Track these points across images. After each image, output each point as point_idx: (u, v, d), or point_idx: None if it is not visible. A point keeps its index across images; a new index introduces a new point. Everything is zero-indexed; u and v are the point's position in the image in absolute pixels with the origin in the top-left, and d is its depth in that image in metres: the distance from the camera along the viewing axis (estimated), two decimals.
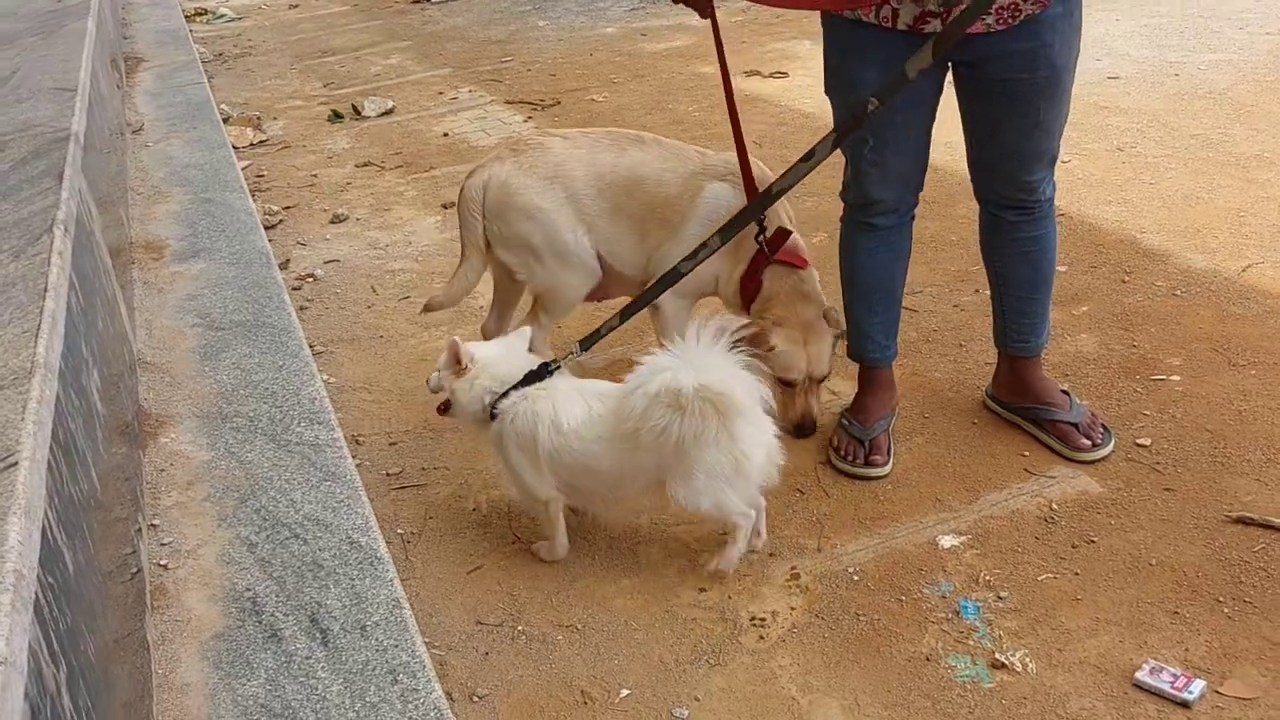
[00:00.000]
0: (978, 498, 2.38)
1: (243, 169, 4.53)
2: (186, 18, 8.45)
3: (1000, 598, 2.08)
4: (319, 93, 6.46)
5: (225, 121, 5.34)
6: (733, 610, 2.11)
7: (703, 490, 2.05)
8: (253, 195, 4.22)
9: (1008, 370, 2.61)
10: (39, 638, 1.15)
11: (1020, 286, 2.51)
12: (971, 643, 1.99)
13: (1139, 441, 2.50)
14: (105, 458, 1.91)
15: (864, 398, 2.61)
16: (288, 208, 4.51)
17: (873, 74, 2.18)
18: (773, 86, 5.56)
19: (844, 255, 2.56)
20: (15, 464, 1.31)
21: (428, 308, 2.91)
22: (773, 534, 2.29)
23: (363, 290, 3.67)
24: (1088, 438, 2.46)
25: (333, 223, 4.30)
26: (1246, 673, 1.86)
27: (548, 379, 2.18)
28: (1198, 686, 1.82)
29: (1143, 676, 1.85)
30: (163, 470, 2.33)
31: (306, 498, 2.20)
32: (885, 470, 2.48)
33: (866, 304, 2.55)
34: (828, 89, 2.39)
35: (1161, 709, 1.81)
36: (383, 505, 2.47)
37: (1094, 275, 3.29)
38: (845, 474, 2.48)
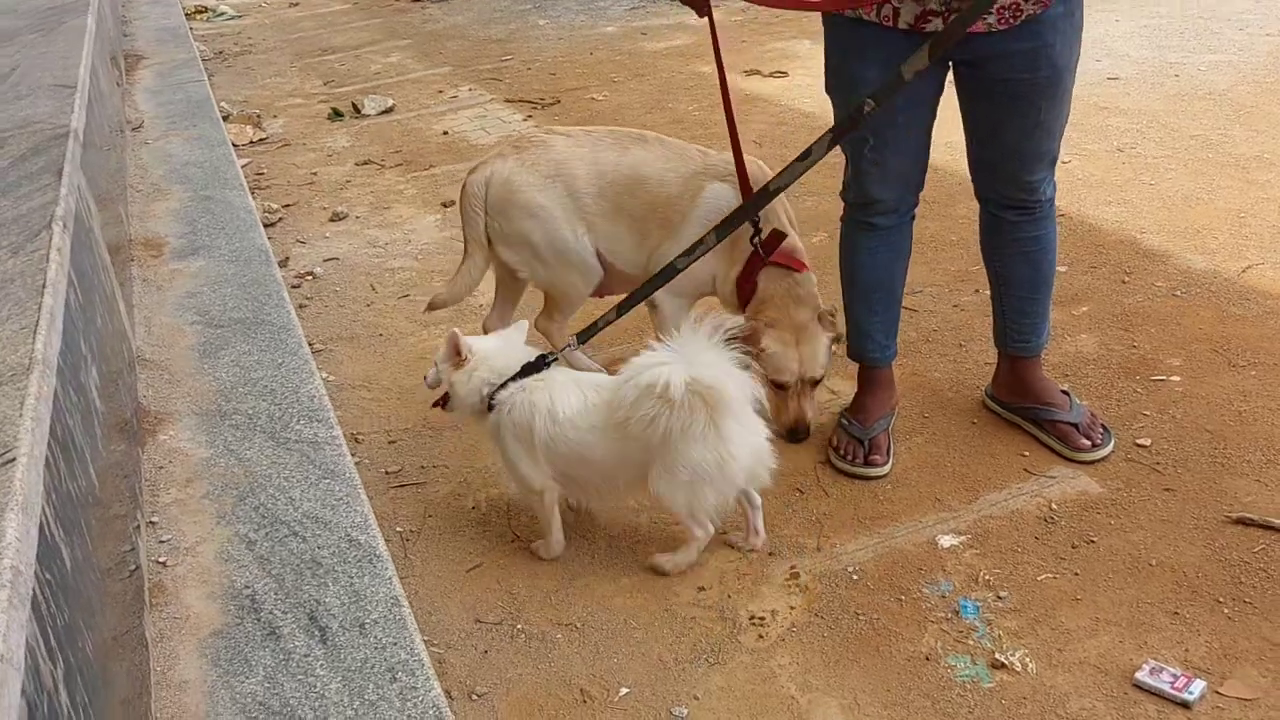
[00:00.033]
0: (977, 497, 2.37)
1: (242, 167, 4.53)
2: (186, 15, 8.45)
3: (1000, 597, 2.08)
4: (319, 91, 6.46)
5: (225, 119, 5.33)
6: (732, 609, 2.11)
7: (682, 486, 2.06)
8: (252, 193, 4.22)
9: (1008, 370, 2.61)
10: (36, 634, 1.14)
11: (1020, 286, 2.51)
12: (971, 642, 1.99)
13: (1139, 442, 2.49)
14: (104, 454, 1.91)
15: (864, 397, 2.61)
16: (287, 205, 4.51)
17: (873, 73, 2.18)
18: (773, 86, 5.56)
19: (844, 255, 2.56)
20: (13, 460, 1.31)
21: (431, 306, 2.91)
22: (772, 533, 2.28)
23: (362, 288, 3.67)
24: (1087, 438, 2.45)
25: (332, 221, 4.30)
26: (1246, 673, 1.86)
27: (545, 370, 2.19)
28: (1198, 687, 1.82)
29: (1143, 677, 1.85)
30: (161, 467, 2.33)
31: (305, 495, 2.20)
32: (885, 470, 2.48)
33: (866, 303, 2.55)
34: (828, 88, 2.39)
35: (1161, 709, 1.81)
36: (382, 503, 2.46)
37: (1094, 275, 3.29)
38: (845, 473, 2.48)
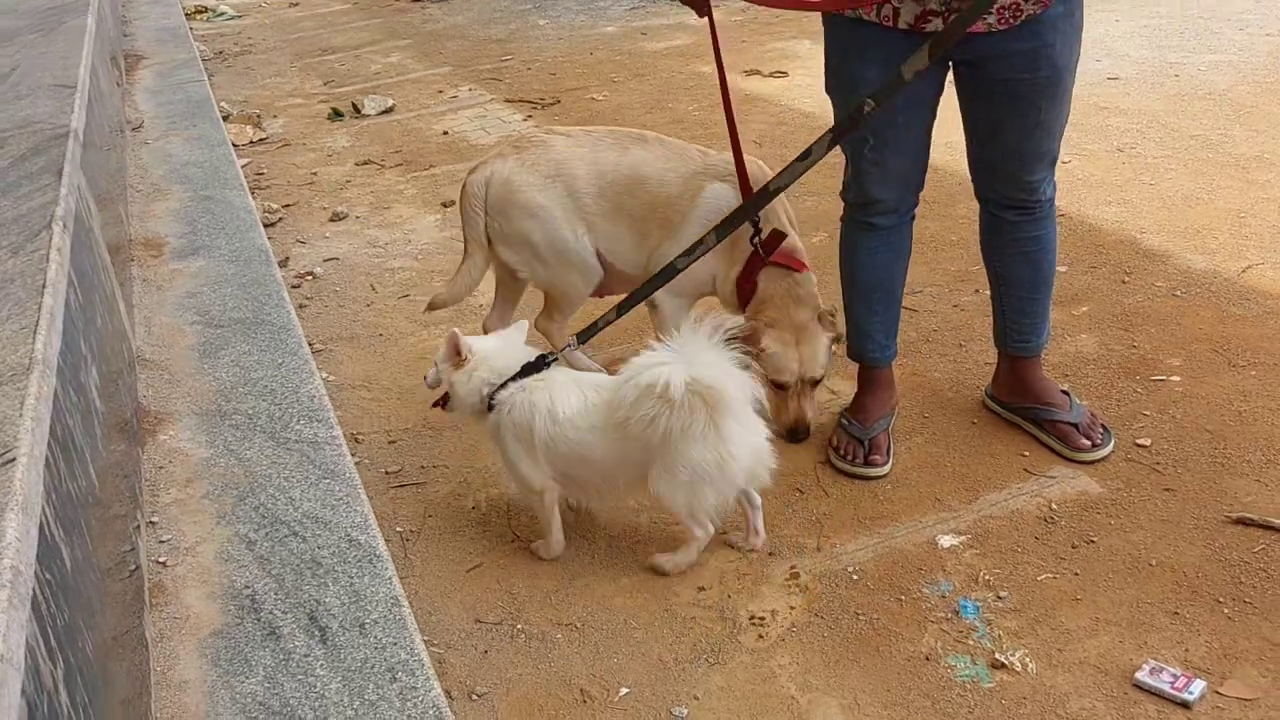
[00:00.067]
0: (977, 497, 2.37)
1: (242, 167, 4.53)
2: (186, 15, 8.45)
3: (1000, 597, 2.08)
4: (319, 91, 6.46)
5: (225, 119, 5.33)
6: (732, 609, 2.11)
7: (682, 486, 2.06)
8: (252, 193, 4.22)
9: (1008, 370, 2.61)
10: (36, 634, 1.14)
11: (1020, 286, 2.51)
12: (971, 642, 1.98)
13: (1139, 442, 2.49)
14: (104, 454, 1.91)
15: (864, 397, 2.60)
16: (287, 205, 4.51)
17: (874, 73, 2.18)
18: (773, 86, 5.56)
19: (844, 255, 2.56)
20: (13, 460, 1.31)
21: (431, 306, 2.91)
22: (772, 533, 2.28)
23: (362, 288, 3.67)
24: (1087, 438, 2.45)
25: (332, 221, 4.30)
26: (1246, 673, 1.86)
27: (545, 370, 2.20)
28: (1198, 687, 1.82)
29: (1143, 677, 1.85)
30: (161, 467, 2.33)
31: (305, 495, 2.20)
32: (885, 470, 2.47)
33: (866, 303, 2.55)
34: (828, 88, 2.39)
35: (1161, 709, 1.81)
36: (382, 503, 2.46)
37: (1094, 275, 3.29)
38: (845, 473, 2.48)
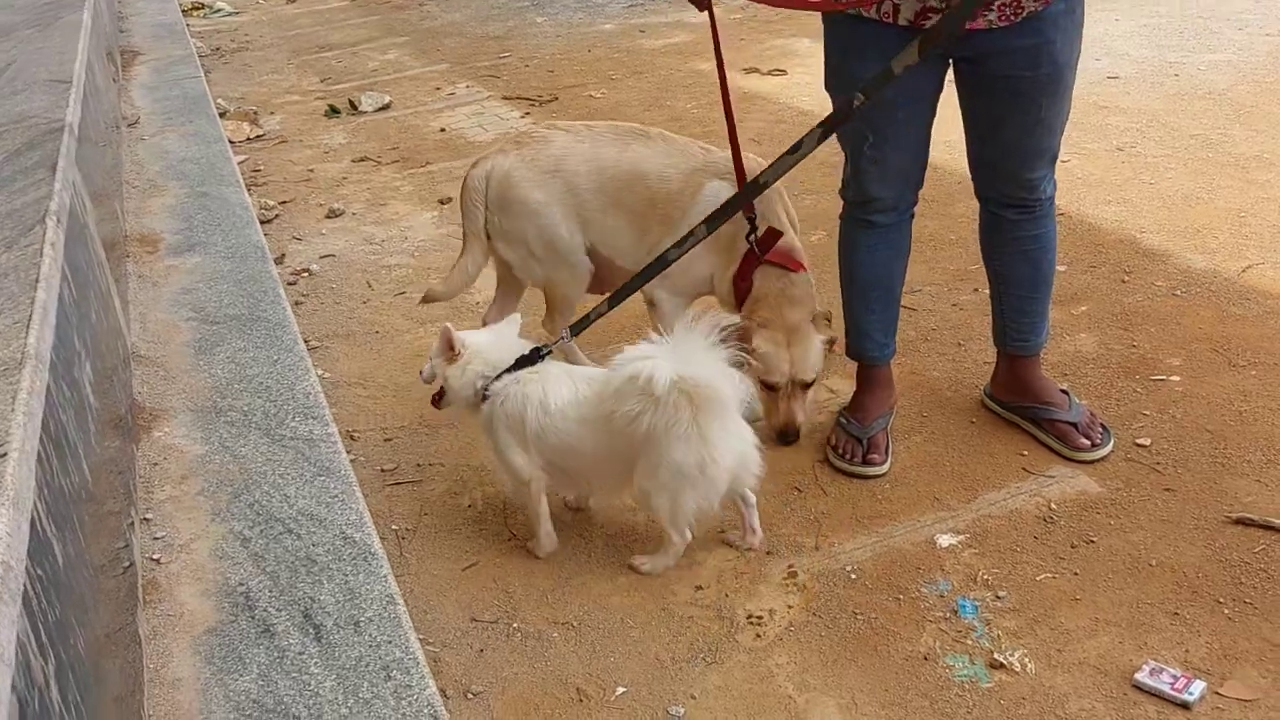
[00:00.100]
0: (976, 497, 2.37)
1: (239, 163, 4.52)
2: (183, 12, 8.43)
3: (999, 597, 2.07)
4: (316, 88, 6.44)
5: (222, 116, 5.32)
6: (729, 608, 2.10)
7: (664, 486, 2.05)
8: (249, 190, 4.20)
9: (1007, 369, 2.60)
10: (27, 630, 1.13)
11: (1020, 285, 2.50)
12: (970, 642, 1.98)
13: (1139, 441, 2.49)
14: (97, 450, 1.90)
15: (862, 396, 2.60)
16: (284, 202, 4.49)
17: (873, 70, 2.16)
18: (771, 84, 5.55)
19: (843, 253, 2.55)
20: (4, 455, 1.30)
21: (427, 298, 2.90)
22: (770, 532, 2.27)
23: (358, 285, 3.66)
24: (1087, 437, 2.45)
25: (329, 217, 4.29)
26: (1246, 674, 1.85)
27: (540, 363, 2.19)
28: (1198, 688, 1.81)
29: (1142, 677, 1.84)
30: (156, 464, 2.32)
31: (300, 493, 2.18)
32: (883, 469, 2.46)
33: (865, 302, 2.54)
34: (828, 86, 2.38)
35: (1161, 710, 1.80)
36: (377, 501, 2.45)
37: (1094, 275, 3.28)
38: (843, 472, 2.47)
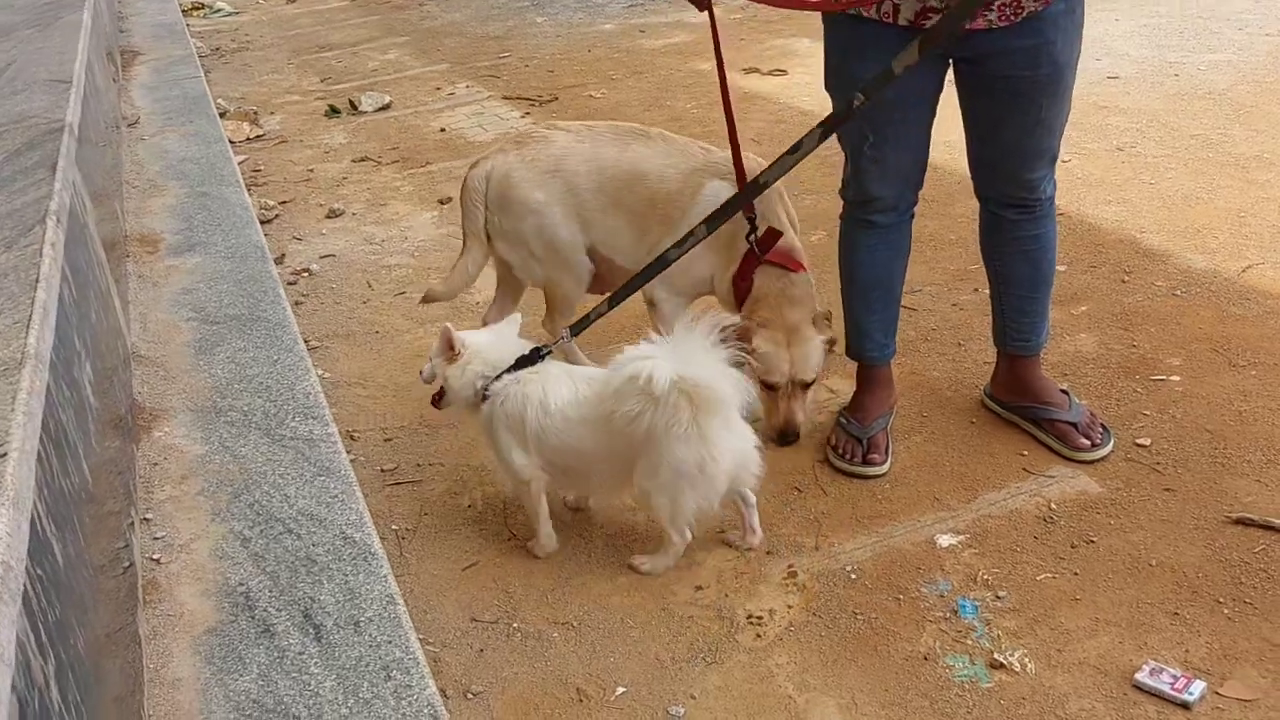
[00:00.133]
0: (976, 497, 2.36)
1: (239, 163, 4.52)
2: (183, 12, 8.44)
3: (999, 597, 2.07)
4: (316, 88, 6.44)
5: (222, 116, 5.32)
6: (729, 608, 2.10)
7: (664, 486, 2.05)
8: (249, 190, 4.20)
9: (1007, 369, 2.60)
10: (27, 630, 1.13)
11: (1020, 285, 2.50)
12: (970, 642, 1.97)
13: (1139, 441, 2.49)
14: (97, 450, 1.90)
15: (862, 396, 2.60)
16: (284, 202, 4.49)
17: (873, 70, 2.16)
18: (772, 84, 5.55)
19: (843, 253, 2.55)
20: (4, 455, 1.30)
21: (427, 298, 2.90)
22: (770, 532, 2.27)
23: (358, 285, 3.66)
24: (1087, 437, 2.44)
25: (329, 217, 4.29)
26: (1246, 674, 1.85)
27: (539, 363, 2.19)
28: (1198, 688, 1.81)
29: (1142, 677, 1.84)
30: (156, 464, 2.32)
31: (300, 493, 2.18)
32: (883, 469, 2.46)
33: (865, 302, 2.54)
34: (828, 86, 2.38)
35: (1161, 710, 1.80)
36: (377, 501, 2.45)
37: (1094, 275, 3.28)
38: (843, 472, 2.47)
